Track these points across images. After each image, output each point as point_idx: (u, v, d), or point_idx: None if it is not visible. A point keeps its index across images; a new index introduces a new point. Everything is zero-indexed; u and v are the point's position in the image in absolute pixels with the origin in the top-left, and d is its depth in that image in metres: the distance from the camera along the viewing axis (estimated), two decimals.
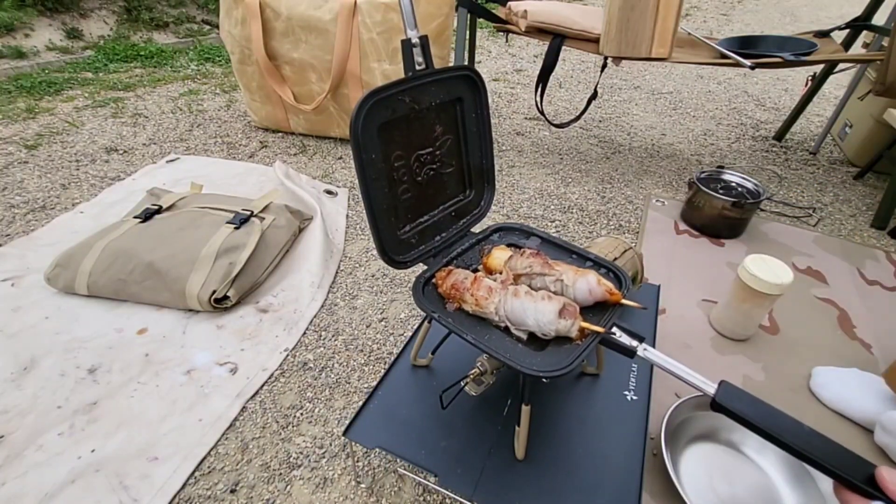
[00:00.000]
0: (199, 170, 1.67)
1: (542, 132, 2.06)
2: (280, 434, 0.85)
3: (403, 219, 0.64)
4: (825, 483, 0.71)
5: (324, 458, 0.81)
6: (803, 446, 0.37)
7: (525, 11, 1.53)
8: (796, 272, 1.20)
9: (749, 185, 1.38)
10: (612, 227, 1.44)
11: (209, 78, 2.56)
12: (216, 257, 1.08)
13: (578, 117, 1.78)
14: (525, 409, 0.62)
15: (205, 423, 0.86)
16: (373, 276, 1.23)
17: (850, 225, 1.48)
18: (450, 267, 0.64)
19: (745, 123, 2.20)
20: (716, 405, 0.41)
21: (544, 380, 0.51)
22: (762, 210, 1.52)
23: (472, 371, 0.67)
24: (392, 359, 0.83)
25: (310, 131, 1.92)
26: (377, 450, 0.68)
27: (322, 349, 1.02)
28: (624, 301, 0.57)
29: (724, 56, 1.43)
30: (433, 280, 0.64)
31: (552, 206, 1.53)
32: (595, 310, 0.59)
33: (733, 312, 1.00)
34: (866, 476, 0.33)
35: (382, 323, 1.09)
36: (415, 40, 0.57)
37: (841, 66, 1.78)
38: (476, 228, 0.75)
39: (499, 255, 0.65)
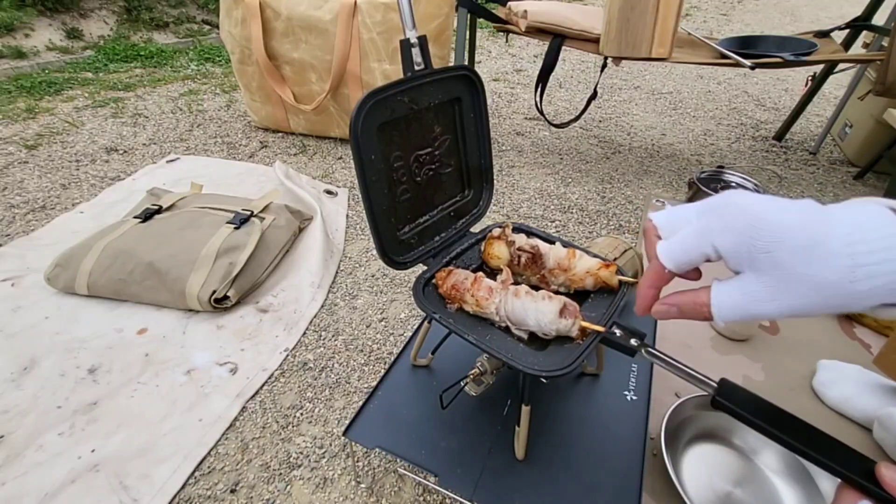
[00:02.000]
0: (199, 170, 1.67)
1: (542, 132, 2.06)
2: (280, 434, 0.85)
3: (403, 219, 0.64)
4: (825, 482, 0.71)
5: (324, 458, 0.82)
6: (803, 442, 0.37)
7: (525, 11, 1.53)
8: None
9: (749, 186, 1.38)
10: (612, 227, 1.44)
11: (209, 78, 2.56)
12: (216, 257, 1.08)
13: (578, 117, 1.78)
14: (525, 410, 0.62)
15: (205, 423, 0.86)
16: (373, 276, 1.23)
17: None
18: (450, 267, 0.64)
19: (745, 123, 2.20)
20: (716, 402, 0.41)
21: (544, 380, 0.51)
22: None
23: (472, 371, 0.67)
24: (392, 359, 0.83)
25: (310, 131, 1.92)
26: (377, 450, 0.68)
27: (322, 349, 1.02)
28: (622, 279, 0.59)
29: (724, 56, 1.43)
30: (433, 280, 0.64)
31: (552, 206, 1.53)
32: (594, 307, 0.59)
33: None
34: (866, 472, 0.33)
35: (382, 323, 1.09)
36: (413, 40, 0.57)
37: (841, 66, 1.78)
38: (475, 228, 0.75)
39: (497, 263, 0.65)
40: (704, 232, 0.32)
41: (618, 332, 0.53)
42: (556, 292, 0.63)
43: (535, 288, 0.64)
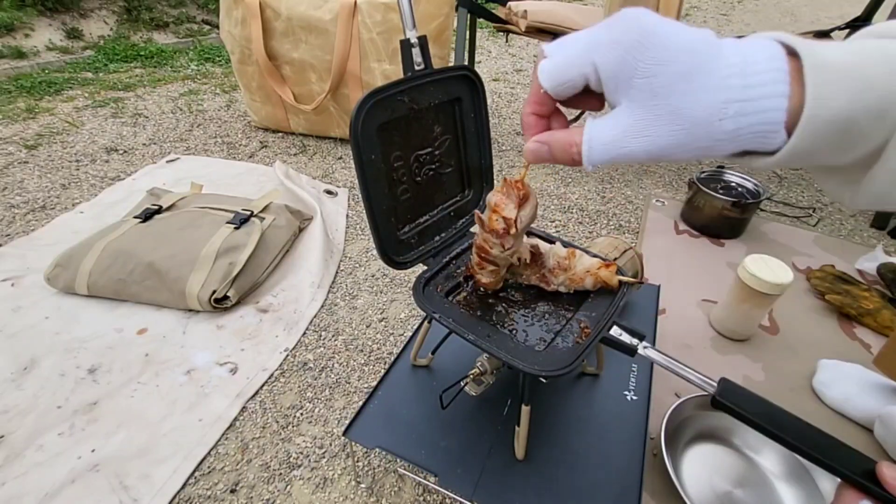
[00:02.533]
0: (199, 170, 1.67)
1: None
2: (280, 434, 0.85)
3: (403, 219, 0.64)
4: (825, 482, 0.71)
5: (324, 458, 0.82)
6: (803, 442, 0.37)
7: (525, 11, 1.53)
8: (796, 272, 1.20)
9: (749, 185, 1.38)
10: (612, 227, 1.44)
11: (209, 78, 2.56)
12: (216, 257, 1.08)
13: (578, 117, 1.78)
14: (525, 409, 0.62)
15: (205, 423, 0.86)
16: (373, 276, 1.23)
17: (850, 225, 1.48)
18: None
19: None
20: (716, 402, 0.41)
21: (544, 379, 0.51)
22: (762, 210, 1.52)
23: (472, 371, 0.67)
24: (392, 359, 0.83)
25: (310, 131, 1.92)
26: (377, 450, 0.68)
27: (322, 349, 1.02)
28: (622, 279, 0.59)
29: None
30: (435, 279, 0.64)
31: (552, 206, 1.53)
32: (594, 307, 0.59)
33: (733, 312, 1.00)
34: (866, 472, 0.33)
35: (382, 323, 1.09)
36: (413, 40, 0.57)
37: None
38: (475, 228, 0.75)
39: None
40: (589, 46, 0.28)
41: (618, 331, 0.53)
42: (556, 292, 0.63)
43: (536, 288, 0.64)
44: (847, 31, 1.66)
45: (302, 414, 0.89)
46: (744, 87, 0.25)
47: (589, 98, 0.32)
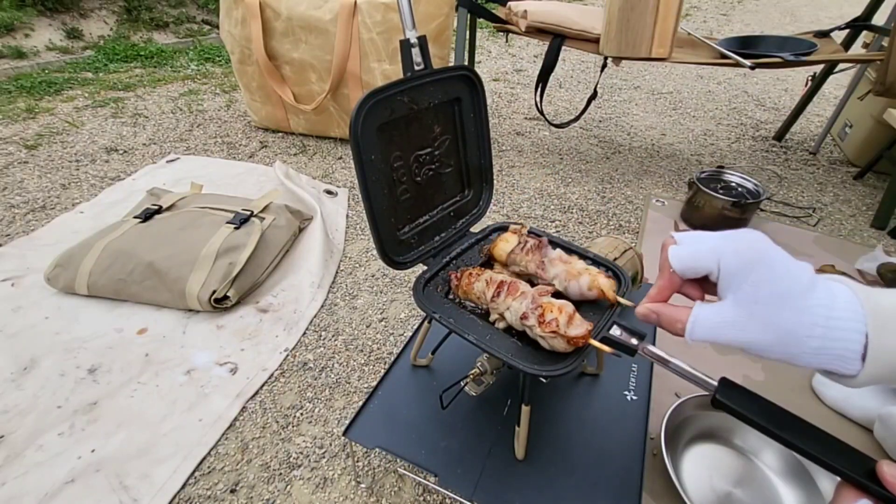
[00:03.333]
0: (199, 170, 1.67)
1: (542, 132, 2.06)
2: (280, 434, 0.85)
3: (403, 219, 0.64)
4: (825, 482, 0.71)
5: (324, 458, 0.82)
6: (804, 441, 0.37)
7: (525, 11, 1.53)
8: None
9: (749, 185, 1.38)
10: (612, 227, 1.44)
11: (209, 78, 2.56)
12: (216, 257, 1.08)
13: (578, 117, 1.78)
14: (525, 409, 0.62)
15: (205, 423, 0.86)
16: (373, 276, 1.23)
17: (850, 225, 1.48)
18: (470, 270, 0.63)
19: (745, 123, 2.20)
20: (716, 402, 0.41)
21: (544, 380, 0.51)
22: (762, 210, 1.52)
23: (472, 371, 0.67)
24: (392, 359, 0.83)
25: (310, 131, 1.92)
26: (377, 450, 0.68)
27: (322, 349, 1.02)
28: (620, 300, 0.57)
29: (724, 56, 1.43)
30: (435, 279, 0.64)
31: (552, 206, 1.53)
32: (595, 308, 0.59)
33: None
34: (866, 471, 0.33)
35: (382, 323, 1.09)
36: (413, 40, 0.57)
37: (841, 66, 1.78)
38: (475, 228, 0.75)
39: (503, 246, 0.65)
40: (716, 250, 0.36)
41: (618, 331, 0.53)
42: (557, 292, 0.62)
43: (532, 284, 0.64)
44: (847, 30, 1.66)
45: (302, 414, 0.89)
46: (828, 318, 0.32)
47: (697, 287, 0.41)
